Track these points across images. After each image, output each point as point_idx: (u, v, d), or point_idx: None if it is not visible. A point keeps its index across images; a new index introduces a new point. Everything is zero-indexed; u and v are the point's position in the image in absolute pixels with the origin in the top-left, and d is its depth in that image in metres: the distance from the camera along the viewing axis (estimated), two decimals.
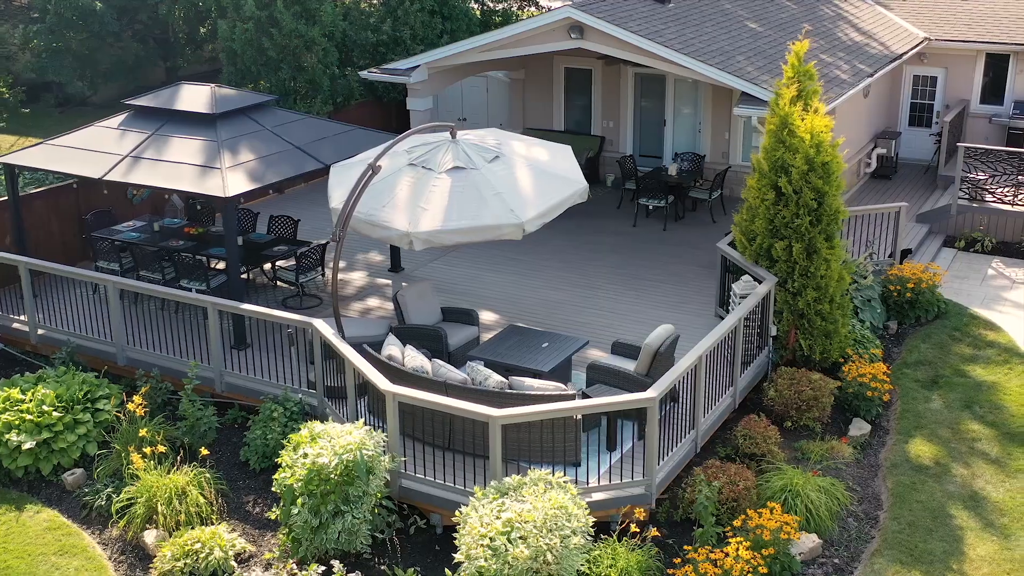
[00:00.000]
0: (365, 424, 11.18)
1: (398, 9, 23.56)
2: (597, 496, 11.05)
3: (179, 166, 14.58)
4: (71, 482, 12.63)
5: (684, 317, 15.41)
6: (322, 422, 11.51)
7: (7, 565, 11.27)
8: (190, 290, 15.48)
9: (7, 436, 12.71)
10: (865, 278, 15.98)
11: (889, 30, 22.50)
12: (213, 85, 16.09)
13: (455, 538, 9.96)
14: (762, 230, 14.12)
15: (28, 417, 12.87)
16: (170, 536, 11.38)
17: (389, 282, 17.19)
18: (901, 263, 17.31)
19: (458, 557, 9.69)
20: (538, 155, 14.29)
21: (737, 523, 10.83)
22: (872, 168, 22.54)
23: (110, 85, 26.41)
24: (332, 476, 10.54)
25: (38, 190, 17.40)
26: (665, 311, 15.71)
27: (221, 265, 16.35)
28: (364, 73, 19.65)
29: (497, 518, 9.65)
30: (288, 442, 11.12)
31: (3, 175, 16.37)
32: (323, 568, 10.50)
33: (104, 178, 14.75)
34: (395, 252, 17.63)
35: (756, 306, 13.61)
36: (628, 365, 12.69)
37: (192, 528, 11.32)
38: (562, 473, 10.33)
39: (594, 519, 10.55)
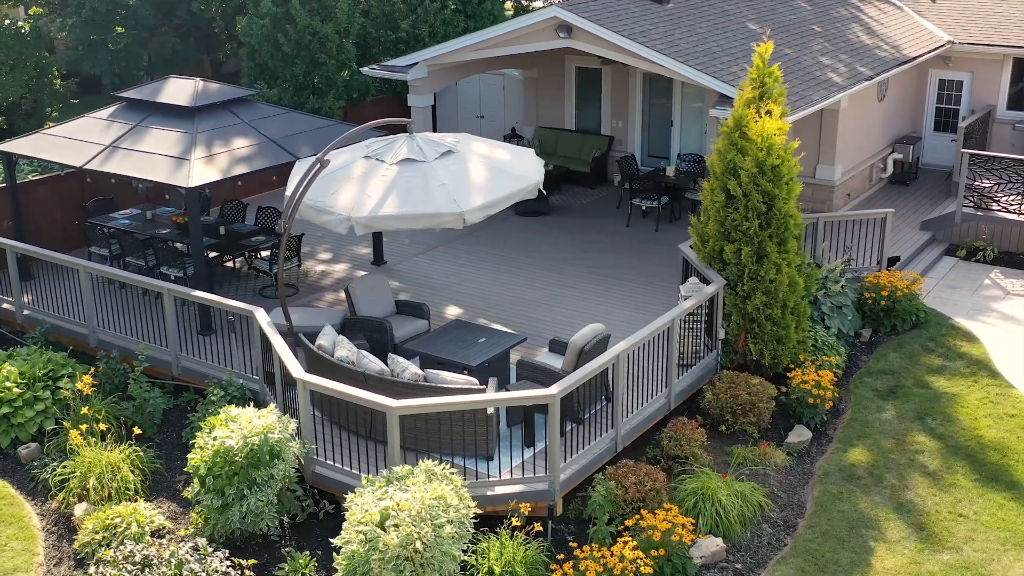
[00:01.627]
0: (277, 409, 11.52)
1: (419, 8, 23.88)
2: (500, 490, 11.19)
3: (153, 156, 15.13)
4: (25, 455, 13.24)
5: (647, 317, 15.29)
6: (259, 407, 11.89)
7: None
8: (169, 277, 16.08)
9: None
10: (838, 283, 15.73)
11: (910, 33, 22.00)
12: (198, 79, 16.62)
13: None
14: (714, 232, 14.05)
15: None
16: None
17: (367, 273, 17.51)
18: (889, 270, 17.00)
19: (335, 542, 9.94)
20: (497, 155, 14.46)
21: (630, 523, 10.85)
22: (888, 173, 22.07)
23: (152, 78, 27.35)
24: (237, 459, 10.88)
25: (41, 177, 18.19)
26: (631, 311, 15.70)
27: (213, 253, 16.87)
28: (365, 69, 20.03)
29: (375, 506, 9.88)
30: (205, 424, 11.51)
31: (1, 162, 17.09)
32: (212, 548, 10.84)
33: (84, 167, 15.39)
34: (378, 246, 17.96)
35: (698, 308, 13.56)
36: (559, 363, 12.78)
37: (119, 504, 11.80)
38: (473, 465, 10.53)
39: (496, 512, 10.73)
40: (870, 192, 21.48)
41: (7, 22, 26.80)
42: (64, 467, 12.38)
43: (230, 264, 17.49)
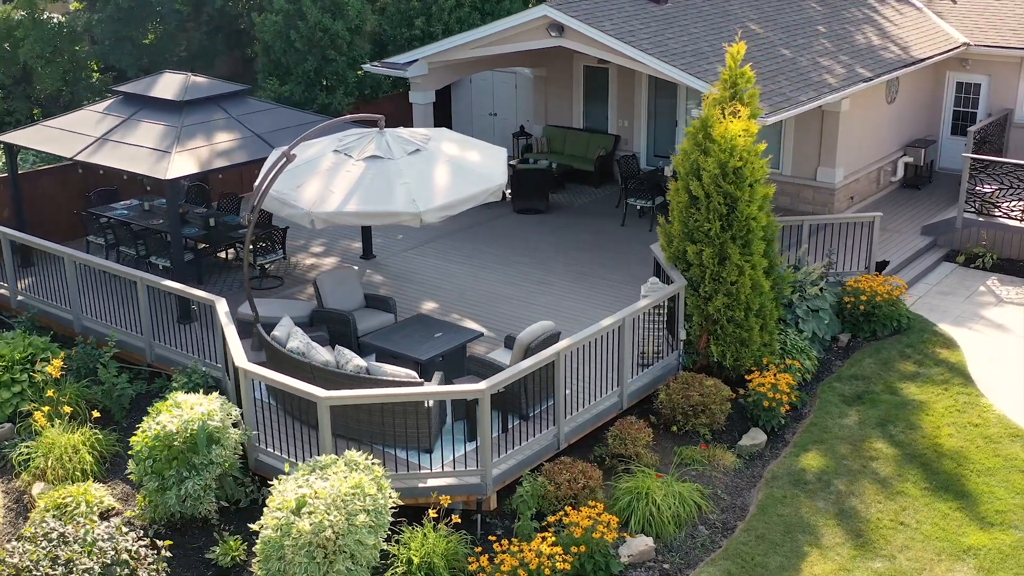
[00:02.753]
0: (222, 396, 11.80)
1: (433, 6, 24.10)
2: (432, 482, 11.33)
3: (139, 149, 15.56)
4: (1, 434, 13.73)
5: None
6: (223, 394, 12.20)
7: None
8: (158, 266, 16.51)
9: None
10: (816, 286, 15.58)
11: (924, 34, 21.63)
12: (190, 74, 17.02)
13: None
14: (677, 233, 14.03)
15: None
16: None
17: (356, 268, 17.76)
18: (878, 275, 16.79)
19: (253, 527, 10.18)
20: (466, 154, 14.56)
21: (553, 519, 10.93)
22: (898, 177, 21.73)
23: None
24: (176, 443, 11.18)
25: (46, 167, 18.77)
26: (605, 310, 15.64)
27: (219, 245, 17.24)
28: (367, 66, 20.29)
29: (294, 493, 10.09)
30: (153, 409, 11.83)
31: (3, 152, 17.68)
32: (141, 530, 11.17)
33: (74, 158, 15.88)
34: (367, 240, 18.22)
35: (657, 308, 13.56)
36: (507, 359, 12.87)
37: (73, 484, 12.19)
38: (412, 457, 10.69)
39: (429, 504, 10.89)
40: (878, 196, 21.17)
41: (44, 16, 27.67)
42: (27, 447, 12.82)
43: (223, 255, 17.87)
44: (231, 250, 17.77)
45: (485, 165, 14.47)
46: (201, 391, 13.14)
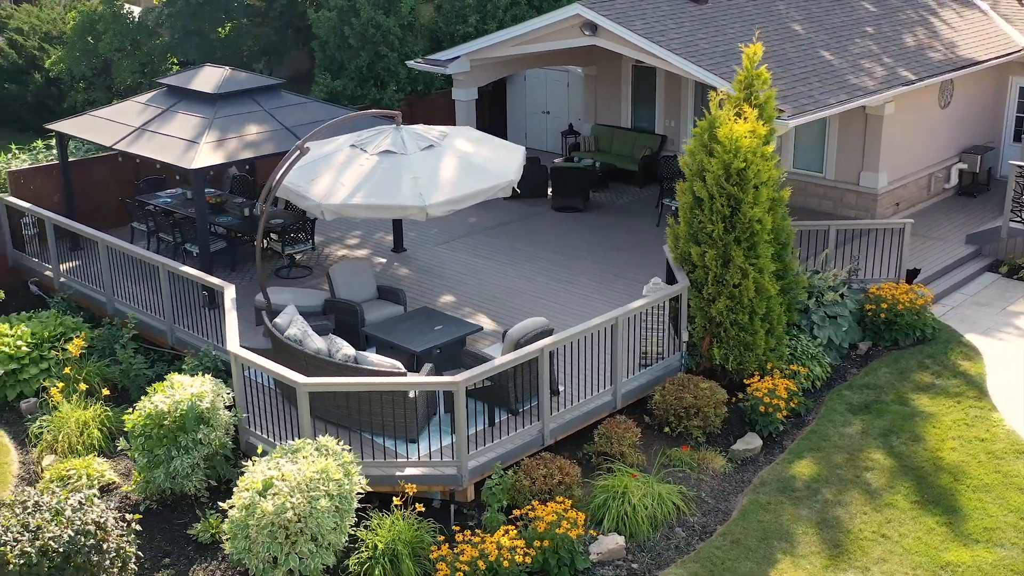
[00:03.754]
0: (214, 379, 12.21)
1: (488, 3, 24.31)
2: (410, 471, 11.54)
3: (171, 139, 16.13)
4: (25, 408, 14.41)
5: None
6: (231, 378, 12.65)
7: None
8: (192, 253, 17.09)
9: None
10: (836, 292, 15.31)
11: (985, 37, 20.99)
12: (228, 68, 17.56)
13: None
14: (683, 234, 13.96)
15: (4, 349, 14.77)
16: None
17: (385, 260, 18.11)
18: (909, 283, 16.44)
19: (223, 506, 10.53)
20: (479, 151, 14.72)
21: (519, 512, 11.03)
22: (952, 184, 21.14)
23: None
24: (166, 422, 11.62)
25: (98, 156, 19.55)
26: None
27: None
28: (410, 63, 20.60)
29: (264, 474, 10.40)
30: (151, 389, 12.30)
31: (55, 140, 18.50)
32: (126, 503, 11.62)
33: (113, 146, 16.55)
34: (398, 234, 18.52)
35: (656, 308, 13.53)
36: (498, 354, 13.00)
37: (79, 458, 12.76)
38: (394, 446, 10.95)
39: (405, 492, 11.13)
40: (928, 203, 20.64)
41: (124, 10, 28.78)
42: (43, 421, 13.45)
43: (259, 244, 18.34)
44: (266, 240, 18.24)
45: (496, 162, 14.60)
46: (210, 374, 13.59)
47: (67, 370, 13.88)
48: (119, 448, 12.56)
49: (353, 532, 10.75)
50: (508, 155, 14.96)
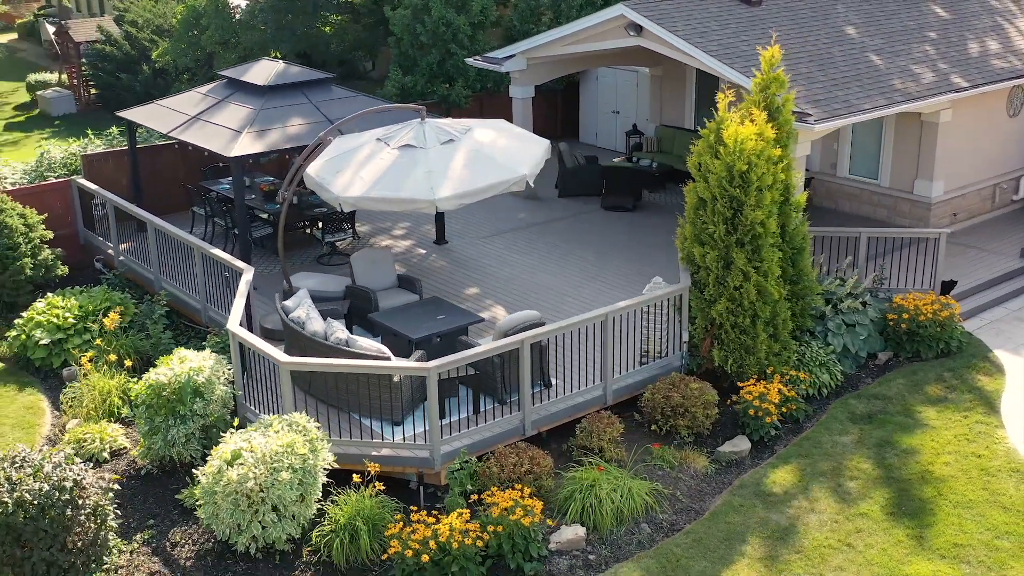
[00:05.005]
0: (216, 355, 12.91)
1: (562, 3, 24.59)
2: (387, 452, 12.00)
3: (219, 128, 16.99)
4: (66, 376, 15.45)
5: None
6: None
7: None
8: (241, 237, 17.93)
9: (35, 332, 15.80)
10: (857, 300, 15.09)
11: None
12: (282, 62, 18.34)
13: None
14: (689, 235, 14.01)
15: (53, 320, 15.88)
16: None
17: (425, 251, 18.63)
18: (944, 294, 16.07)
19: (196, 473, 11.17)
20: (497, 145, 15.05)
21: (474, 498, 11.34)
22: (1021, 196, 20.40)
23: (337, 63, 29.82)
24: (165, 393, 12.36)
25: (169, 142, 20.63)
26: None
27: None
28: (469, 60, 21.06)
29: (235, 445, 11.01)
30: (158, 362, 13.07)
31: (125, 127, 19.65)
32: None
33: (168, 133, 17.53)
34: (440, 226, 19.00)
35: (653, 306, 13.64)
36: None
37: (97, 423, 13.67)
38: (379, 427, 11.48)
39: (382, 472, 11.58)
40: (991, 215, 19.99)
41: (229, 4, 30.19)
42: (72, 388, 14.42)
43: (307, 231, 19.15)
44: (309, 228, 19.00)
45: (514, 157, 14.88)
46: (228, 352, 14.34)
47: (98, 341, 14.84)
48: (125, 416, 13.38)
49: (323, 507, 11.26)
50: (528, 150, 15.23)
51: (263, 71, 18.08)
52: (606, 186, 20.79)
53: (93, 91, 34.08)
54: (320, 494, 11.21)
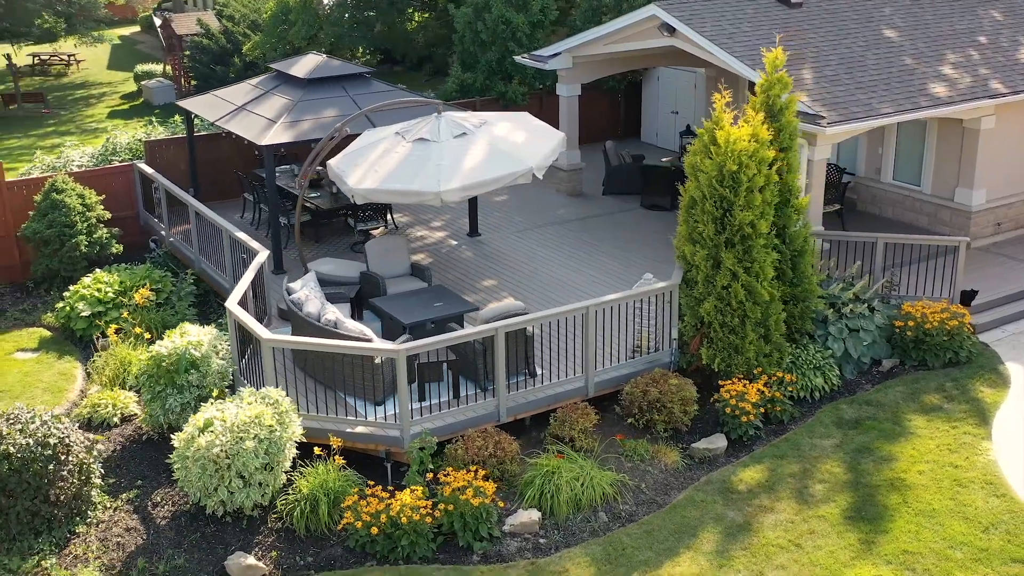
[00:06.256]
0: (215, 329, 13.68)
1: (624, 3, 24.74)
2: (361, 429, 12.56)
3: (258, 118, 17.84)
4: (101, 345, 16.48)
5: None
6: None
7: (7, 387, 15.31)
8: (280, 223, 18.79)
9: (78, 305, 16.91)
10: (863, 304, 14.96)
11: None
12: (326, 56, 19.10)
13: None
14: (683, 233, 14.14)
15: (95, 294, 16.97)
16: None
17: (456, 242, 19.13)
18: (965, 304, 15.79)
19: (173, 439, 11.91)
20: (508, 139, 15.46)
21: (430, 476, 11.77)
22: None
23: (413, 60, 30.58)
24: (164, 363, 13.18)
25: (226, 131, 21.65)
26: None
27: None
28: (518, 58, 21.46)
29: (209, 415, 11.71)
30: (166, 333, 13.90)
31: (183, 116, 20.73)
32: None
33: (215, 123, 18.47)
34: (473, 219, 19.47)
35: (634, 301, 13.84)
36: None
37: (114, 390, 14.62)
38: (361, 407, 12.16)
39: (355, 448, 12.16)
40: None
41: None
42: (98, 356, 15.43)
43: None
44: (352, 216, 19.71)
45: (525, 150, 15.27)
46: None
47: (125, 314, 15.82)
48: (130, 385, 14.27)
49: (291, 477, 11.89)
50: (540, 143, 15.58)
51: (305, 65, 18.87)
52: (645, 185, 20.93)
53: (193, 82, 35.66)
54: (289, 465, 11.82)
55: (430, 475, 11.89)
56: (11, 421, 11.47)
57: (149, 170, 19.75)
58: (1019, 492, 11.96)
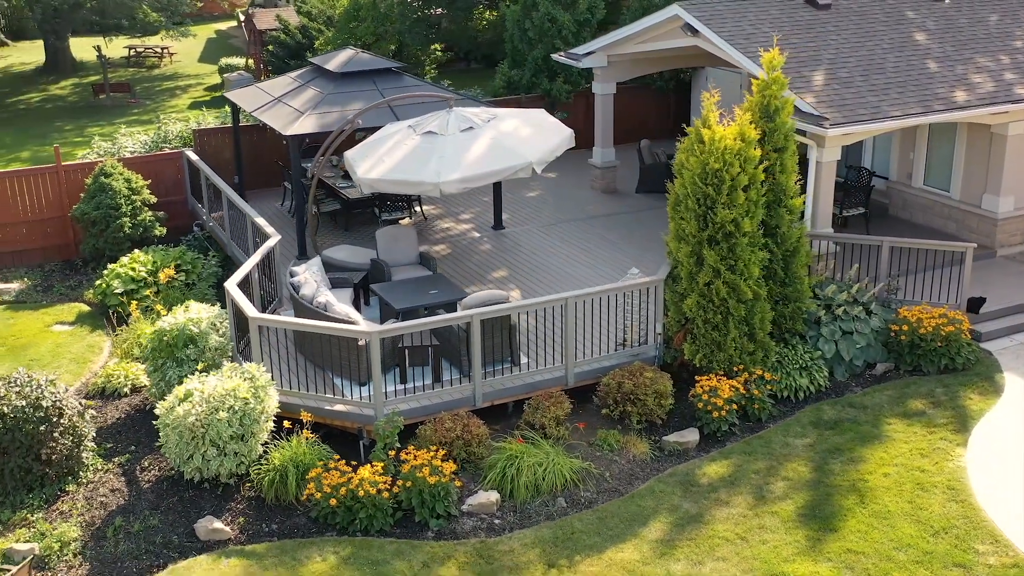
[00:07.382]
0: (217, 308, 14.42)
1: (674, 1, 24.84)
2: (339, 407, 13.13)
3: (289, 109, 18.59)
4: (130, 321, 17.47)
5: None
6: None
7: (39, 356, 16.34)
8: (311, 210, 19.53)
9: (113, 282, 17.91)
10: (857, 307, 14.92)
11: None
12: (359, 50, 19.75)
13: None
14: (672, 230, 14.33)
15: (130, 273, 17.95)
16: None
17: (478, 235, 19.58)
18: (972, 311, 15.62)
19: (157, 407, 12.64)
20: (514, 134, 15.85)
21: (392, 454, 12.25)
22: None
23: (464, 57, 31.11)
24: (165, 338, 13.96)
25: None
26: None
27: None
28: (554, 56, 21.80)
29: (191, 386, 12.42)
30: (174, 308, 14.67)
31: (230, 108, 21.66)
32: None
33: (252, 112, 19.30)
34: (497, 213, 19.90)
35: (617, 293, 14.09)
36: None
37: (129, 362, 15.51)
38: (347, 387, 12.79)
39: (332, 424, 12.74)
40: None
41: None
42: (121, 330, 16.36)
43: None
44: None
45: (526, 144, 15.64)
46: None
47: (147, 292, 16.72)
48: (135, 357, 15.13)
49: (267, 449, 12.53)
50: (544, 139, 15.94)
51: (338, 59, 19.54)
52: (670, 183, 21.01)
53: (271, 75, 36.88)
54: (266, 437, 12.45)
55: (392, 452, 12.37)
56: (11, 384, 12.35)
57: (193, 156, 20.71)
58: (979, 499, 11.86)
